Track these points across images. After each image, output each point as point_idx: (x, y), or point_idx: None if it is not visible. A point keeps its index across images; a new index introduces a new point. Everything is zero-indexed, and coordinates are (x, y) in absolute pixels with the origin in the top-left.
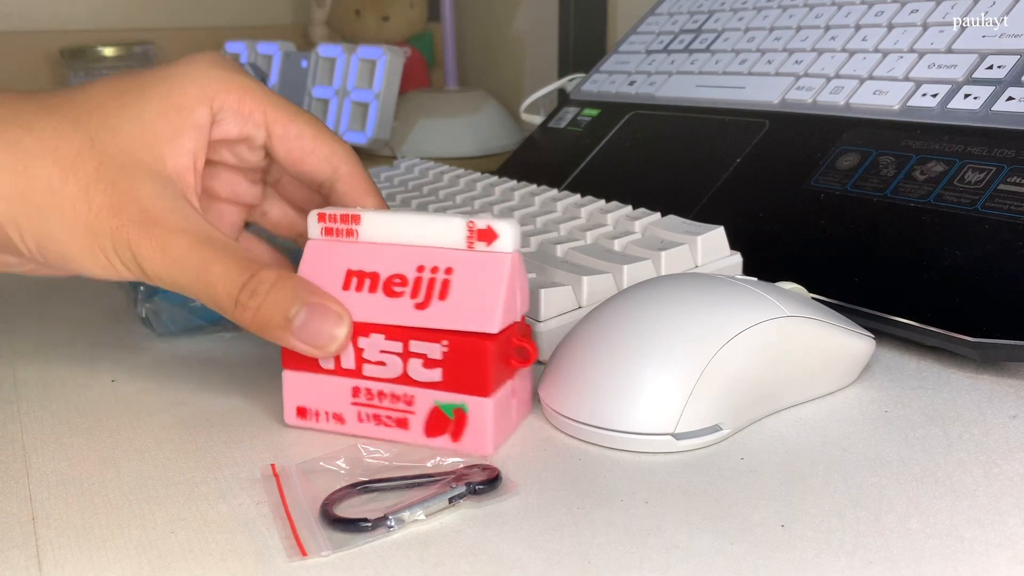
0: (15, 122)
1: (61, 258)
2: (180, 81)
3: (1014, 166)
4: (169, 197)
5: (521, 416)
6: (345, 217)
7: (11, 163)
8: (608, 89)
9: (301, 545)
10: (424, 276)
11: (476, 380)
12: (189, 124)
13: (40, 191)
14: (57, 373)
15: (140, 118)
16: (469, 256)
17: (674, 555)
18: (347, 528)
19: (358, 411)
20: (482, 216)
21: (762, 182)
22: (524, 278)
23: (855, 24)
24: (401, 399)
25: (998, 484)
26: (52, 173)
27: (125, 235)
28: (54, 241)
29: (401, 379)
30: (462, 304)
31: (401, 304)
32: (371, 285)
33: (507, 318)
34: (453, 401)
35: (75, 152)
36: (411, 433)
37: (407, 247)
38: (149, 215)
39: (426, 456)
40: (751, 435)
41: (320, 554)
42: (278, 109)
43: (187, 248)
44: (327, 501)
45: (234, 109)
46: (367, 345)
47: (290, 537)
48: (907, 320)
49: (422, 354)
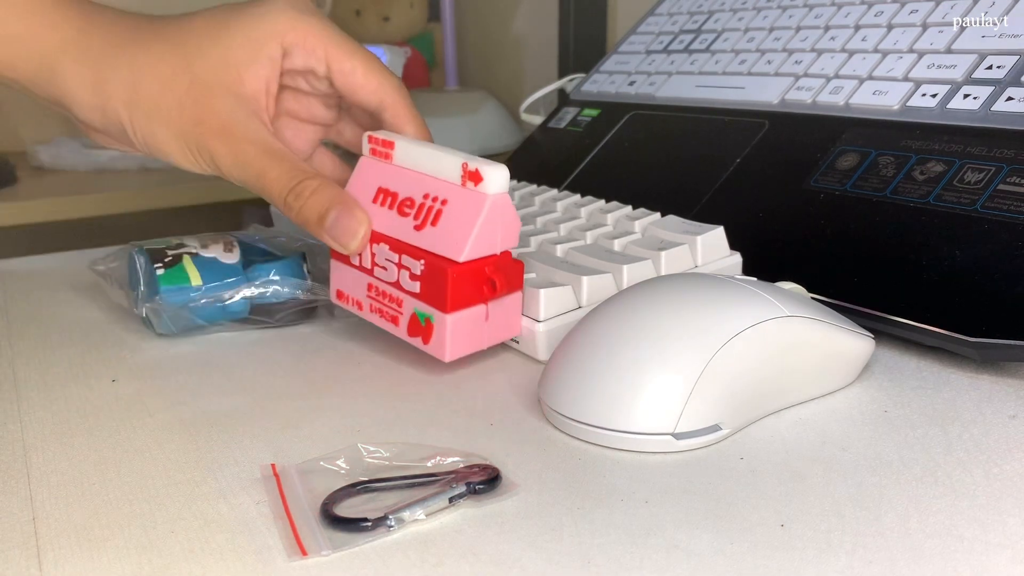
0: (136, 43)
1: (160, 152)
2: (259, 19)
3: (1013, 166)
4: (243, 113)
5: (497, 338)
6: (385, 142)
7: (129, 77)
8: (608, 89)
9: (301, 545)
10: (426, 203)
11: (439, 297)
12: (263, 55)
13: (146, 99)
14: (57, 373)
15: (225, 47)
16: (461, 192)
17: (674, 555)
18: (347, 528)
19: (370, 303)
20: (476, 158)
21: (762, 182)
22: (510, 218)
23: (855, 24)
24: (394, 300)
25: (997, 484)
26: (155, 87)
27: (206, 141)
28: (155, 138)
29: (395, 284)
30: (444, 232)
31: (405, 223)
32: (391, 203)
33: (477, 251)
34: (425, 311)
35: (172, 71)
36: (400, 330)
37: (423, 175)
38: (226, 126)
39: (426, 456)
40: (751, 435)
41: (320, 554)
42: (338, 47)
43: (252, 155)
44: (327, 501)
45: (300, 45)
46: (377, 251)
47: (290, 537)
48: (907, 320)
49: (408, 267)
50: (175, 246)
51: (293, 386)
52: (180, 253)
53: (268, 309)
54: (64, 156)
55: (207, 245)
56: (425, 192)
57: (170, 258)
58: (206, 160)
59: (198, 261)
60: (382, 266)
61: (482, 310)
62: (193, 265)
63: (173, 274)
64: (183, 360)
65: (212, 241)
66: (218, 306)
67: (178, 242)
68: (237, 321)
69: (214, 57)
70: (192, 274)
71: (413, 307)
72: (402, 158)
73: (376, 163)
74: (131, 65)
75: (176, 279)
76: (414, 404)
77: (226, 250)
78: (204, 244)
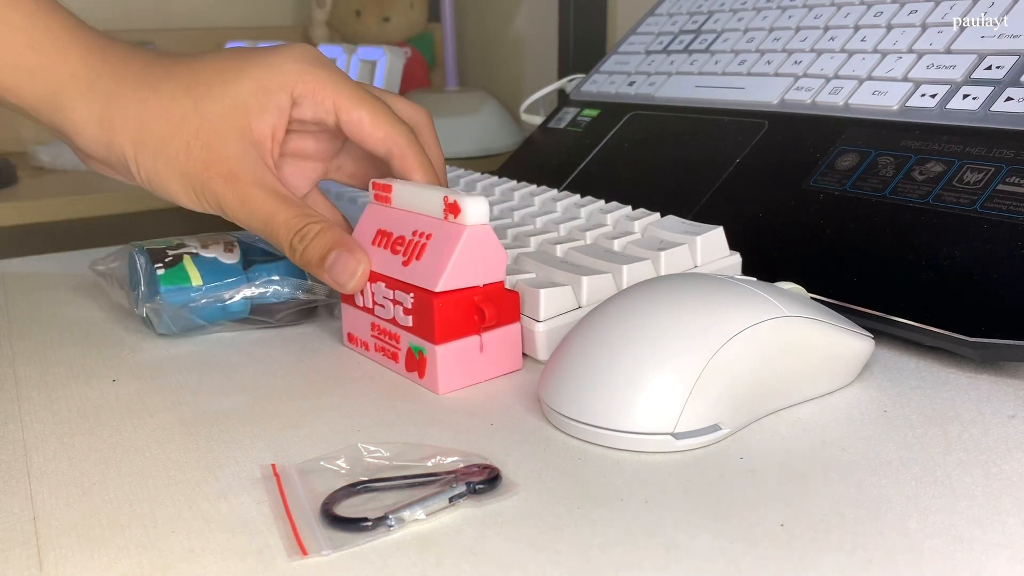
0: (146, 83)
1: (163, 190)
2: (271, 69)
3: (1013, 166)
4: (251, 159)
5: (495, 371)
6: (384, 187)
7: (137, 116)
8: (608, 89)
9: (302, 544)
10: (414, 239)
11: (428, 328)
12: (272, 104)
13: (154, 138)
14: (58, 373)
15: (236, 94)
16: (442, 225)
17: (673, 554)
18: (348, 527)
19: (374, 342)
20: (456, 191)
21: (761, 182)
22: (492, 249)
23: (854, 25)
24: (393, 337)
25: (997, 484)
26: (163, 127)
27: (213, 184)
28: (159, 177)
29: (392, 321)
30: (427, 265)
31: (396, 260)
32: (386, 242)
33: (454, 281)
34: (418, 344)
35: (183, 114)
36: (399, 366)
37: (414, 214)
38: (233, 171)
39: (427, 455)
40: (750, 435)
41: (321, 553)
42: (347, 98)
43: (259, 200)
44: (328, 500)
45: (310, 96)
46: (376, 290)
47: (290, 536)
48: (906, 320)
49: (401, 302)
50: (175, 246)
51: (293, 386)
52: (180, 253)
53: (268, 309)
54: (64, 156)
55: (207, 245)
56: (414, 229)
57: (170, 258)
58: (211, 202)
59: (198, 261)
60: (380, 304)
61: (475, 341)
62: (193, 265)
63: (173, 274)
64: (183, 360)
65: (212, 241)
66: (218, 306)
67: (178, 242)
68: (237, 321)
69: (225, 102)
70: (192, 274)
71: (409, 342)
72: (398, 200)
73: (378, 208)
74: (140, 103)
75: (176, 279)
76: (414, 404)
77: (226, 250)
78: (204, 244)
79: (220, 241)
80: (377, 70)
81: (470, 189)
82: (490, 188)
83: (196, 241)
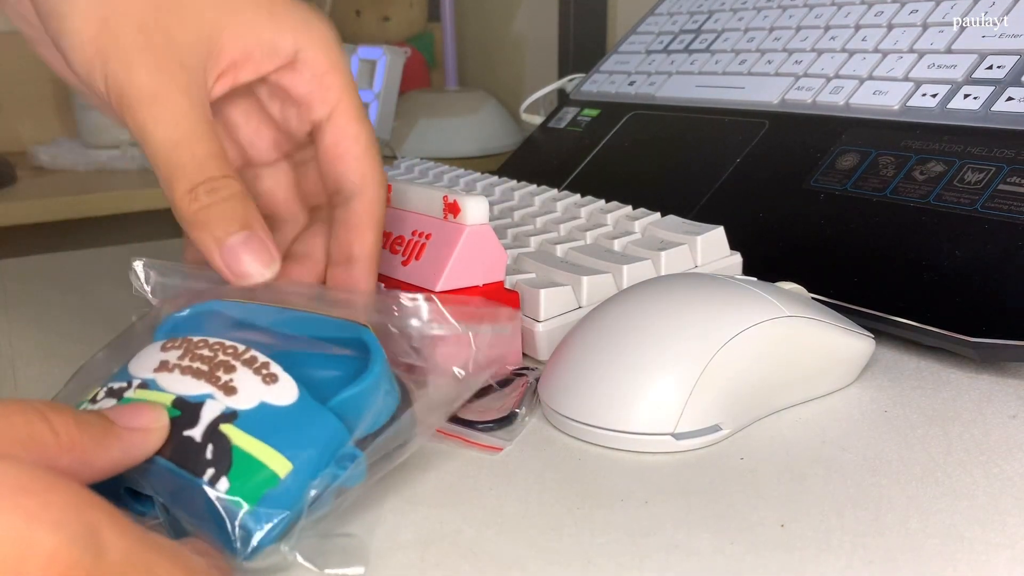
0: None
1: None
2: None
3: (1013, 166)
4: (198, 64)
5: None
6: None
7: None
8: (608, 89)
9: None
10: (413, 239)
11: None
12: (270, 40)
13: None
14: (57, 373)
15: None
16: (442, 225)
17: (674, 555)
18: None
19: None
20: (456, 191)
21: (762, 182)
22: (492, 249)
23: (855, 24)
24: None
25: (998, 484)
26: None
27: (132, 58)
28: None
29: None
30: (426, 265)
31: (396, 260)
32: (385, 242)
33: (453, 281)
34: None
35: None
36: None
37: (415, 214)
38: (169, 60)
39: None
40: (751, 435)
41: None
42: (353, 106)
43: (181, 112)
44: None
45: (315, 70)
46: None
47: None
48: (907, 320)
49: None
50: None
51: None
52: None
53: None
54: (64, 156)
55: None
56: (413, 229)
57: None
58: (111, 84)
59: (248, 423)
60: None
61: None
62: (249, 437)
63: (241, 474)
64: None
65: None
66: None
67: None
68: None
69: (213, 10)
70: (263, 454)
71: None
72: (397, 199)
73: None
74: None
75: (246, 482)
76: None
77: (267, 382)
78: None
79: (226, 364)
80: (377, 70)
81: (470, 189)
82: (490, 188)
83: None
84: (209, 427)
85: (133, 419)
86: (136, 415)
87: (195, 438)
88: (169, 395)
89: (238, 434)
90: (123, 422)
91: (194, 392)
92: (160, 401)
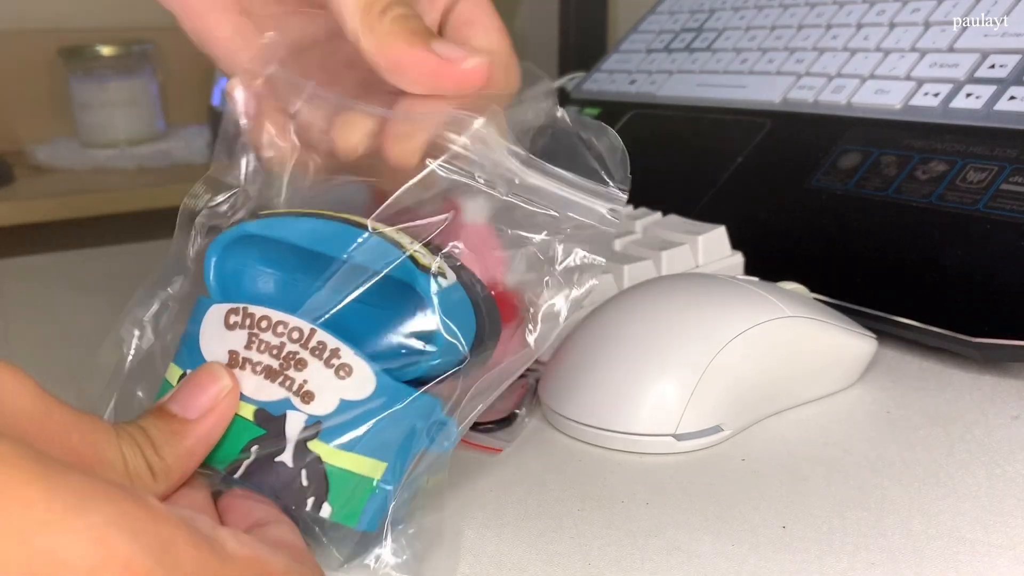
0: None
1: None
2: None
3: (1016, 166)
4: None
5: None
6: None
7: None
8: (609, 88)
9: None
10: None
11: None
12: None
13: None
14: (56, 374)
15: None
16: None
17: (675, 556)
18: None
19: None
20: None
21: (763, 182)
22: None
23: (856, 23)
24: None
25: (1000, 485)
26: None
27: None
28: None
29: None
30: None
31: None
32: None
33: None
34: None
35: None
36: None
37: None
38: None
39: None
40: (752, 436)
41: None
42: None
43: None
44: None
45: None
46: None
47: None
48: (909, 320)
49: None
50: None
51: None
52: (304, 448)
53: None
54: (62, 155)
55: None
56: None
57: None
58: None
59: (331, 434)
60: None
61: None
62: (338, 451)
63: (338, 496)
64: None
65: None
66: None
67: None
68: None
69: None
70: (354, 465)
71: None
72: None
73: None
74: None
75: (347, 498)
76: None
77: (340, 375)
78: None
79: (296, 358)
80: None
81: None
82: None
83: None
84: (297, 447)
85: (193, 404)
86: (197, 394)
87: (287, 463)
88: (250, 406)
89: (327, 450)
90: (186, 413)
91: (272, 398)
92: (242, 415)
